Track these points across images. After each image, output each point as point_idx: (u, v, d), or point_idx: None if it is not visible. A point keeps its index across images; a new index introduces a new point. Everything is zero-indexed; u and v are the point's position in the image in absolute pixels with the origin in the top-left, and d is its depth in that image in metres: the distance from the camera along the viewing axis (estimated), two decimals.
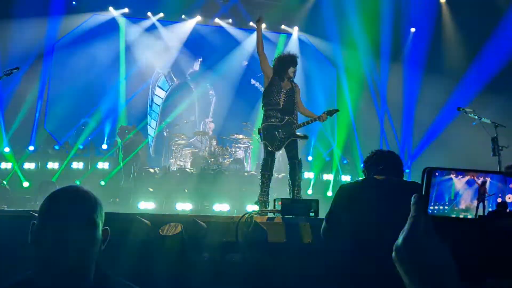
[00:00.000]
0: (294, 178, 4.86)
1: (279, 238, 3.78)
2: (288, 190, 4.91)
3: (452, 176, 0.70)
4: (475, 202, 0.70)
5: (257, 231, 3.72)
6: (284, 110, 4.86)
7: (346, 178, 9.63)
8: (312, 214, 4.19)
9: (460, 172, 0.70)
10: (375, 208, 2.38)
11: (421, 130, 10.25)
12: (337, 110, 5.13)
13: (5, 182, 7.66)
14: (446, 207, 0.70)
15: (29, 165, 8.58)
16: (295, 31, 11.75)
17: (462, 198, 0.70)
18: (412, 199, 0.68)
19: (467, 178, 0.70)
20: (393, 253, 0.66)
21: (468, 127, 6.53)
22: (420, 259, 0.63)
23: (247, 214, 3.90)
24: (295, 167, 4.85)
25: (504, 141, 5.48)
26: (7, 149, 8.73)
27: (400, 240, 0.66)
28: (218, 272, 3.56)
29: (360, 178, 2.93)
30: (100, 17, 10.82)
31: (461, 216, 0.69)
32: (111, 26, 10.97)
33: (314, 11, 10.77)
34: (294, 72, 5.05)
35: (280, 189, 6.76)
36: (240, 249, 3.70)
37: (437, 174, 0.69)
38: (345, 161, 10.40)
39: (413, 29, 11.08)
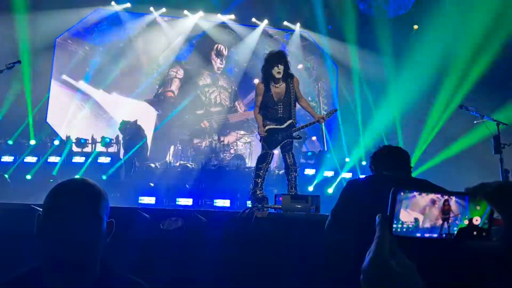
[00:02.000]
0: (288, 174, 4.94)
1: (280, 234, 3.78)
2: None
3: (416, 194, 0.69)
4: (440, 222, 0.69)
5: (257, 226, 3.73)
6: (283, 118, 4.92)
7: (346, 175, 9.59)
8: (313, 210, 4.20)
9: (425, 192, 0.70)
10: (383, 204, 2.36)
11: (423, 130, 10.19)
12: (335, 110, 5.18)
13: (6, 176, 7.67)
14: (411, 226, 0.69)
15: (30, 159, 8.58)
16: (297, 27, 11.70)
17: (427, 217, 0.69)
18: (377, 219, 0.68)
19: (431, 196, 0.69)
20: (361, 276, 0.64)
21: (470, 125, 6.51)
22: (387, 279, 0.61)
23: (248, 210, 3.91)
24: (288, 166, 4.93)
25: (506, 138, 5.47)
26: (10, 142, 8.75)
27: (366, 261, 0.64)
28: (218, 267, 3.57)
29: (362, 176, 2.90)
30: (102, 12, 10.79)
31: (426, 235, 0.69)
32: (113, 20, 10.95)
33: (316, 8, 10.71)
34: (280, 72, 4.77)
35: (280, 185, 6.76)
36: (241, 244, 3.71)
37: (402, 193, 0.69)
38: (346, 159, 10.37)
39: (416, 27, 11.02)
